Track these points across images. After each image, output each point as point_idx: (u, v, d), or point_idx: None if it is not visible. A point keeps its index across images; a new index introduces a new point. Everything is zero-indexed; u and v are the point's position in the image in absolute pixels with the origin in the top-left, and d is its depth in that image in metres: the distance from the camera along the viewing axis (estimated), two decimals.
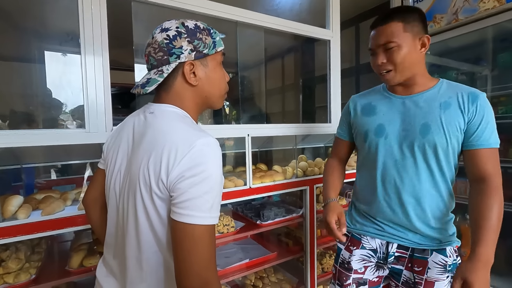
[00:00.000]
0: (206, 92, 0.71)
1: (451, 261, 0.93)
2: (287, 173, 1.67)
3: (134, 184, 0.63)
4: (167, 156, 0.58)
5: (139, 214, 0.62)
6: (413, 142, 0.91)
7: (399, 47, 0.88)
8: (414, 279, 0.94)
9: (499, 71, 1.64)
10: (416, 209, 0.93)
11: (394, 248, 0.97)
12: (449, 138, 0.88)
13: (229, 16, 1.41)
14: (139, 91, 0.66)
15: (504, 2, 1.39)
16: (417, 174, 0.92)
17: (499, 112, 1.59)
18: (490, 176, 0.85)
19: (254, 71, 2.71)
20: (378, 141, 0.97)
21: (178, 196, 0.57)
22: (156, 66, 0.67)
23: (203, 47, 0.68)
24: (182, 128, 0.62)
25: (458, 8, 1.58)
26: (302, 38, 1.73)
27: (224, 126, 1.53)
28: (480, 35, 1.62)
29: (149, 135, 0.64)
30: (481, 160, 0.87)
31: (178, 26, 0.66)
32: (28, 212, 1.03)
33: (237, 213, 1.81)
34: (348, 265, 1.03)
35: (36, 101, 1.94)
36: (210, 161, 0.58)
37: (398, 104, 0.97)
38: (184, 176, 0.57)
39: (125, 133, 0.71)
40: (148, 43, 0.69)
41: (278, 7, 2.17)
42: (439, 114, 0.89)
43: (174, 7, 1.27)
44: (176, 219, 0.57)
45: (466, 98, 0.89)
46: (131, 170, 0.64)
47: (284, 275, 1.82)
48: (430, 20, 1.73)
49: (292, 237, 1.84)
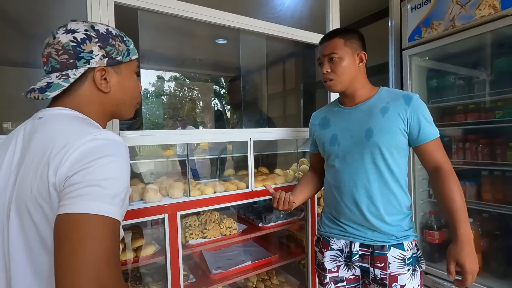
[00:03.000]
0: (119, 99, 0.67)
1: (409, 254, 1.01)
2: (288, 176, 1.69)
3: (18, 204, 0.52)
4: (54, 157, 0.49)
5: (29, 235, 0.51)
6: (361, 146, 1.03)
7: (341, 59, 1.04)
8: (380, 275, 1.01)
9: (496, 76, 1.67)
10: (370, 207, 1.02)
11: (357, 247, 1.06)
12: (391, 139, 0.99)
13: (232, 24, 1.45)
14: (37, 95, 0.57)
15: (499, 9, 1.42)
16: (366, 174, 1.02)
17: (497, 116, 1.62)
18: (443, 163, 0.99)
19: (255, 76, 2.75)
20: (333, 150, 1.10)
21: (68, 188, 0.47)
22: (58, 69, 0.60)
23: (117, 53, 0.65)
24: (75, 127, 0.55)
25: (454, 15, 1.62)
26: (303, 43, 1.77)
27: (227, 130, 1.57)
28: (477, 41, 1.65)
29: (35, 141, 0.54)
30: (431, 151, 1.00)
31: (87, 29, 0.61)
32: None
33: (239, 216, 1.84)
34: (323, 265, 1.13)
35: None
36: (111, 151, 0.51)
37: (347, 115, 1.10)
38: (76, 169, 0.48)
39: (11, 144, 0.59)
40: (47, 43, 0.61)
41: (279, 14, 2.22)
42: (380, 118, 1.01)
43: (179, 16, 1.31)
44: (61, 212, 0.45)
45: (402, 100, 1.01)
46: (17, 185, 0.53)
47: (286, 278, 1.84)
48: (428, 26, 1.77)
49: (294, 239, 1.86)
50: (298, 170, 1.74)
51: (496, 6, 1.44)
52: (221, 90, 4.57)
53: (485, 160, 1.68)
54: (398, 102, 1.01)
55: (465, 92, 1.80)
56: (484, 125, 1.70)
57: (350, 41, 1.06)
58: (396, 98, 1.02)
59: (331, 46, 1.05)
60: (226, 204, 1.42)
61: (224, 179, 1.77)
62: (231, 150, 2.08)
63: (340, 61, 1.04)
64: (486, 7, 1.48)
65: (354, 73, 1.06)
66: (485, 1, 1.48)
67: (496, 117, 1.62)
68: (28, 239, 0.52)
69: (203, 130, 3.30)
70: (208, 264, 1.55)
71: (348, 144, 1.06)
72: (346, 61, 1.04)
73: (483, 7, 1.49)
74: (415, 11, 1.84)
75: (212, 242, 1.44)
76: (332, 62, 1.05)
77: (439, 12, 1.71)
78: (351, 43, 1.06)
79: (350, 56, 1.05)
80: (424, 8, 1.79)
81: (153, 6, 1.24)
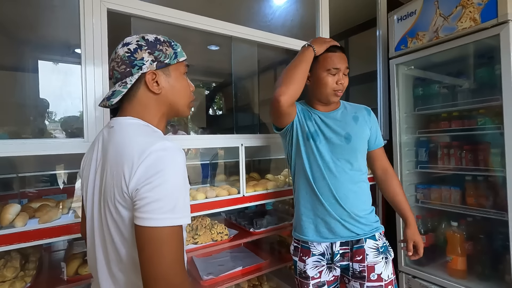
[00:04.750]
0: (170, 100, 0.73)
1: (381, 243, 1.16)
2: (279, 181, 1.71)
3: (104, 203, 0.64)
4: (126, 169, 0.59)
5: (111, 229, 0.63)
6: (340, 148, 1.14)
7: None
8: (359, 268, 1.12)
9: (478, 85, 1.74)
10: (347, 202, 1.13)
11: (338, 246, 1.14)
12: (363, 143, 1.19)
13: (224, 32, 1.48)
14: (105, 103, 0.68)
15: (479, 22, 1.50)
16: (345, 172, 1.14)
17: (479, 124, 1.68)
18: (389, 166, 1.29)
19: (247, 83, 2.78)
20: (313, 144, 1.16)
21: (138, 201, 0.57)
22: (120, 79, 0.69)
23: (164, 57, 0.70)
24: (137, 138, 0.63)
25: (438, 27, 1.69)
26: (294, 51, 1.81)
27: (218, 136, 1.58)
28: (459, 52, 1.72)
29: (110, 150, 0.65)
30: (382, 155, 1.29)
31: (138, 40, 0.70)
32: (25, 220, 1.04)
33: (230, 221, 1.84)
34: (305, 274, 1.16)
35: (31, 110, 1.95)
36: (166, 164, 0.59)
37: (323, 118, 1.19)
38: (142, 183, 0.57)
39: (94, 151, 0.72)
40: (111, 58, 0.71)
41: (271, 22, 2.26)
42: (354, 125, 1.18)
43: (172, 23, 1.33)
44: (137, 223, 0.57)
45: (365, 112, 1.24)
46: (101, 187, 0.65)
47: (277, 283, 1.84)
48: (413, 36, 1.84)
49: (285, 245, 1.87)
50: (289, 176, 1.76)
51: (477, 19, 1.51)
52: (213, 95, 4.58)
53: (469, 166, 1.74)
54: (363, 113, 1.23)
55: (449, 100, 1.86)
56: (467, 131, 1.76)
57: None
58: (360, 109, 1.24)
59: (346, 59, 1.15)
60: (217, 209, 1.43)
61: (216, 184, 1.77)
62: (222, 155, 2.08)
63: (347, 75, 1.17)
64: (467, 20, 1.55)
65: None
66: (466, 14, 1.55)
67: (478, 124, 1.69)
68: (110, 232, 0.64)
69: (194, 135, 3.29)
70: (199, 270, 1.54)
71: (327, 144, 1.15)
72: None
73: (464, 20, 1.56)
74: (401, 22, 1.91)
75: (203, 248, 1.44)
76: (346, 76, 1.16)
77: (423, 24, 1.78)
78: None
79: None
80: (409, 19, 1.86)
81: (146, 14, 1.26)
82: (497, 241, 1.61)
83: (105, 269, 0.67)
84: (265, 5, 2.27)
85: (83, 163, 0.79)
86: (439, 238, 1.89)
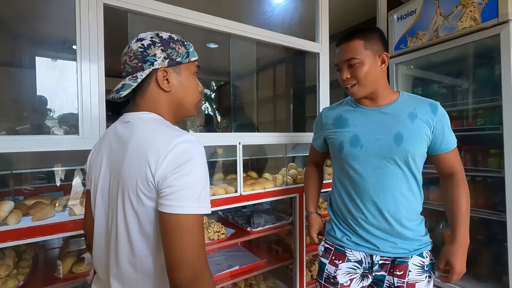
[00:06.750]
0: (179, 98, 0.74)
1: (427, 261, 1.01)
2: (277, 180, 1.70)
3: (122, 194, 0.64)
4: (151, 159, 0.60)
5: (129, 220, 0.63)
6: (388, 151, 0.96)
7: (362, 64, 0.96)
8: (397, 284, 0.98)
9: (477, 85, 1.73)
10: (394, 212, 0.97)
11: (378, 257, 1.00)
12: (420, 146, 0.96)
13: (223, 29, 1.46)
14: (114, 95, 0.69)
15: (480, 22, 1.49)
16: (394, 180, 0.97)
17: (478, 124, 1.68)
18: (458, 171, 1.01)
19: (246, 81, 2.76)
20: (353, 152, 1.01)
21: (166, 189, 0.59)
22: (131, 73, 0.70)
23: (176, 55, 0.71)
24: (162, 129, 0.65)
25: (438, 26, 1.69)
26: (293, 50, 1.79)
27: (216, 134, 1.57)
28: (459, 51, 1.72)
29: (132, 143, 0.65)
30: (450, 160, 1.00)
31: (152, 36, 0.71)
32: (19, 217, 1.03)
33: (227, 220, 1.83)
34: (334, 279, 1.04)
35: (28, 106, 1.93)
36: (192, 155, 0.61)
37: (369, 116, 1.02)
38: (170, 172, 0.59)
39: (105, 147, 0.72)
40: (124, 53, 0.72)
41: (270, 20, 2.25)
42: (409, 124, 0.96)
43: (170, 19, 1.31)
44: (164, 210, 0.58)
45: (428, 108, 0.98)
46: (118, 180, 0.65)
47: (274, 282, 1.83)
48: (413, 36, 1.83)
49: (282, 244, 1.87)
50: (287, 175, 1.75)
51: (477, 18, 1.50)
52: (211, 94, 4.57)
53: (468, 166, 1.73)
54: (425, 110, 0.97)
55: (448, 100, 1.86)
56: (466, 132, 1.75)
57: (371, 43, 0.96)
58: (422, 105, 0.98)
59: (351, 49, 0.96)
60: (214, 208, 1.41)
61: (213, 183, 1.76)
62: (220, 154, 2.07)
63: (362, 66, 0.95)
64: (468, 19, 1.54)
65: (377, 76, 0.98)
66: (467, 13, 1.54)
67: (477, 125, 1.68)
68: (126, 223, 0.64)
69: (192, 133, 3.27)
70: None
71: (373, 147, 0.98)
72: (368, 65, 0.95)
73: (464, 19, 1.55)
74: (401, 21, 1.90)
75: None
76: (353, 67, 0.97)
77: (423, 23, 1.77)
78: (372, 45, 0.96)
79: (372, 59, 0.96)
80: (409, 19, 1.85)
81: (143, 9, 1.24)
82: (495, 242, 1.60)
83: (114, 262, 0.67)
84: (264, 3, 2.25)
85: (90, 158, 0.78)
86: (436, 239, 1.88)
